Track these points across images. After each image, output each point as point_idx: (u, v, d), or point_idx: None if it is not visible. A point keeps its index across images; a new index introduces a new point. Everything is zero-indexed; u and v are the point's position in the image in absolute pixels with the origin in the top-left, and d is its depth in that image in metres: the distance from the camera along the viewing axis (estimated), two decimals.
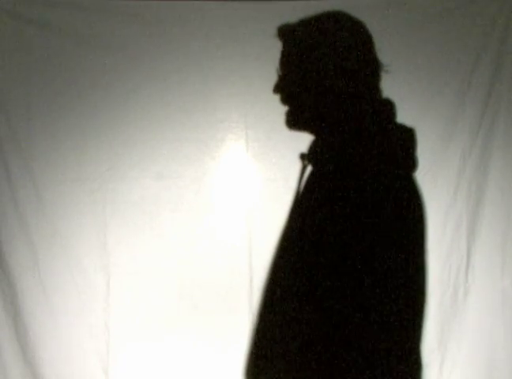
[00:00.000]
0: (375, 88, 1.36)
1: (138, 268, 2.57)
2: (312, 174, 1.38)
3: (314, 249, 1.25)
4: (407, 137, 1.34)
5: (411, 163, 1.32)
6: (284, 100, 1.38)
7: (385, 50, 1.38)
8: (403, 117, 1.38)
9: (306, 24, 1.36)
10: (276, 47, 1.43)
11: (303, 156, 1.41)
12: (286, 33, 1.37)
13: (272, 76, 1.41)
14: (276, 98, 1.39)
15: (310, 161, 1.39)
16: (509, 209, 2.63)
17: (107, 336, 2.55)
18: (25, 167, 2.54)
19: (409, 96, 2.52)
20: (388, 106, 1.37)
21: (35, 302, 2.53)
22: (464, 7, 2.60)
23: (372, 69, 1.35)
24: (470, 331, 2.60)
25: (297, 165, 1.44)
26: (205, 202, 2.60)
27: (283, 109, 1.39)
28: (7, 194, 2.53)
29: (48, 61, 2.54)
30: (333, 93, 1.32)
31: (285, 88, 1.37)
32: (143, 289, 2.57)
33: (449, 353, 2.60)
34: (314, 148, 1.39)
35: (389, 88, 1.38)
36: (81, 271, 2.55)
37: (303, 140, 1.41)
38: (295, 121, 1.38)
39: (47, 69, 2.55)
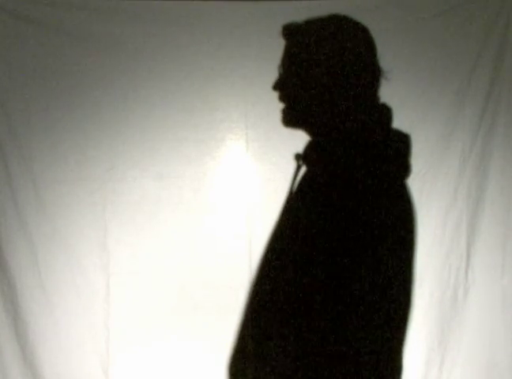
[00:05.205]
0: (374, 92, 1.36)
1: (138, 268, 2.57)
2: (306, 174, 1.39)
3: (306, 249, 1.25)
4: (402, 141, 1.34)
5: (404, 167, 1.33)
6: (283, 98, 1.38)
7: (384, 51, 1.38)
8: (403, 117, 1.38)
9: (311, 24, 1.36)
10: (276, 47, 1.43)
11: (297, 156, 1.42)
12: (290, 32, 1.37)
13: (272, 76, 1.41)
14: (277, 98, 1.39)
15: (304, 161, 1.39)
16: (509, 209, 2.63)
17: (107, 336, 2.55)
18: (25, 167, 2.54)
19: (409, 97, 2.52)
20: (385, 109, 1.37)
21: (35, 302, 2.53)
22: (463, 7, 2.60)
23: (372, 73, 1.35)
24: (470, 331, 2.60)
25: None
26: (205, 202, 2.60)
27: (282, 108, 1.39)
28: (7, 194, 2.53)
29: (48, 61, 2.55)
30: (331, 95, 1.32)
31: (285, 86, 1.37)
32: (143, 289, 2.57)
33: (449, 353, 2.60)
34: (308, 148, 1.39)
35: (388, 88, 1.38)
36: (81, 271, 2.56)
37: (303, 141, 1.41)
38: (290, 120, 1.39)
39: (47, 68, 2.55)
